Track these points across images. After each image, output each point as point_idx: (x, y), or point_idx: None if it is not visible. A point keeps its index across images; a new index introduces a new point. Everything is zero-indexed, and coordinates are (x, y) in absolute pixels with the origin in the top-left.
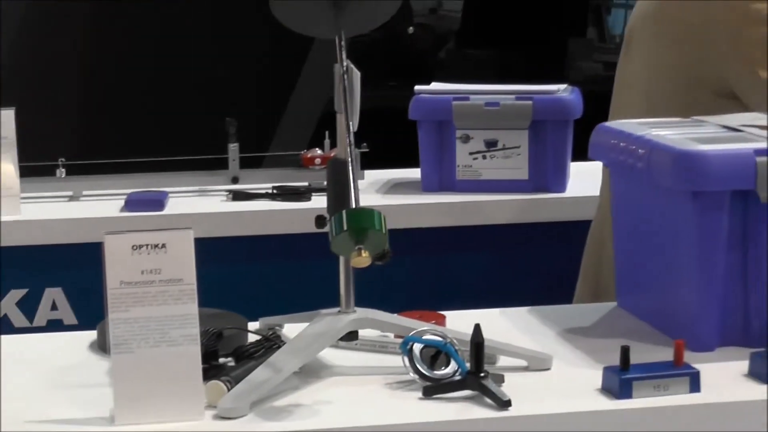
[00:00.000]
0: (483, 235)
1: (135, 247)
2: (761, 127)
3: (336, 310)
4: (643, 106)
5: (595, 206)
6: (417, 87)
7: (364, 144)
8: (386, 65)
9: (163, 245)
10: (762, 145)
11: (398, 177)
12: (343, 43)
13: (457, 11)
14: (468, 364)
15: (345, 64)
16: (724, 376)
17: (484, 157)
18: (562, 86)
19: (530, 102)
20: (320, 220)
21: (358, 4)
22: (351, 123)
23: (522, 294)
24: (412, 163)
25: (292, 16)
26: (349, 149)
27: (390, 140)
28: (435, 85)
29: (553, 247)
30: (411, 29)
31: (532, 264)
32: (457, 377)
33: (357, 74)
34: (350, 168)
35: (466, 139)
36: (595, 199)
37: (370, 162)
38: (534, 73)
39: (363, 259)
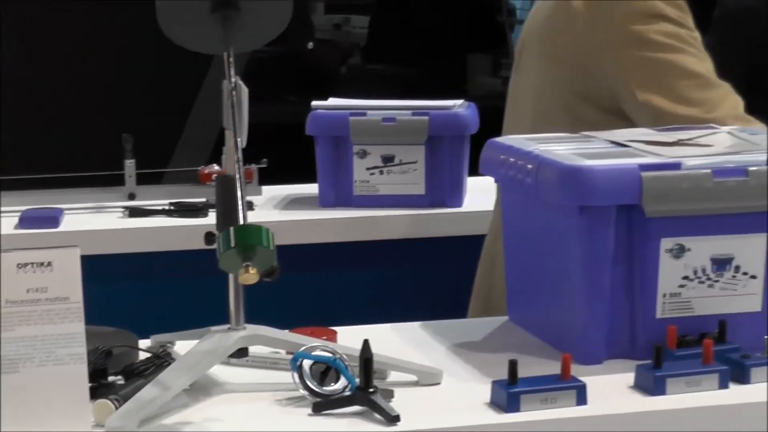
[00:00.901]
0: (379, 250)
1: (20, 266)
2: (648, 143)
3: (226, 327)
4: (533, 122)
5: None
6: (314, 102)
7: (264, 160)
8: (288, 80)
9: (49, 263)
10: (648, 160)
11: (296, 192)
12: (231, 59)
13: (362, 27)
14: (358, 380)
15: (233, 80)
16: (610, 389)
17: (381, 173)
18: (459, 102)
19: (426, 117)
20: (209, 237)
21: (246, 21)
22: (239, 139)
23: (418, 309)
24: (311, 178)
25: (181, 32)
26: (237, 166)
27: (289, 155)
28: (332, 101)
29: (449, 261)
30: (311, 44)
31: (428, 279)
32: (347, 393)
33: (245, 90)
34: (238, 185)
35: (363, 154)
36: (491, 214)
37: (269, 177)
38: (436, 89)
39: (250, 276)
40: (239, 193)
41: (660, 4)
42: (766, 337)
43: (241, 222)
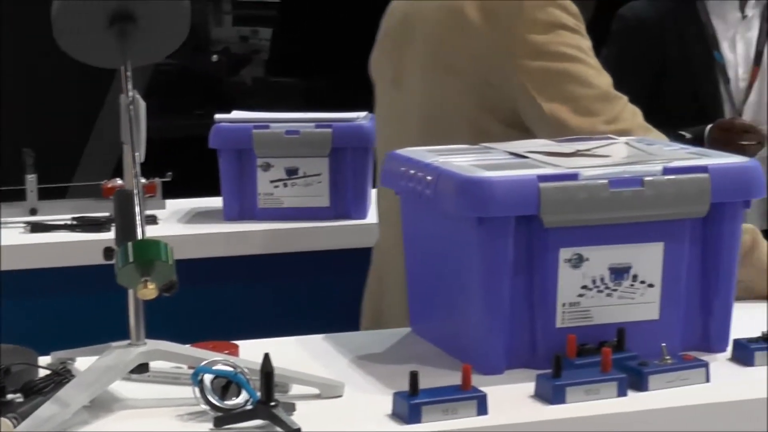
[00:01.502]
0: (284, 263)
1: None
2: (546, 153)
3: (126, 342)
4: (423, 136)
5: None
6: (217, 116)
7: (169, 173)
8: (193, 94)
9: None
10: (546, 171)
11: (200, 206)
12: (129, 73)
13: (269, 39)
14: (259, 394)
15: (131, 94)
16: (511, 398)
17: (285, 185)
18: (362, 114)
19: (330, 130)
20: (108, 252)
21: (143, 34)
22: (137, 154)
23: (322, 321)
24: (216, 191)
25: (78, 47)
26: (135, 180)
27: (194, 169)
28: (236, 114)
29: (354, 273)
30: (215, 57)
31: (333, 291)
32: (248, 407)
33: (143, 105)
34: (136, 199)
35: (267, 167)
36: None
37: (173, 191)
38: (340, 101)
39: (149, 291)
40: (137, 208)
41: (558, 13)
42: (663, 344)
43: (139, 237)
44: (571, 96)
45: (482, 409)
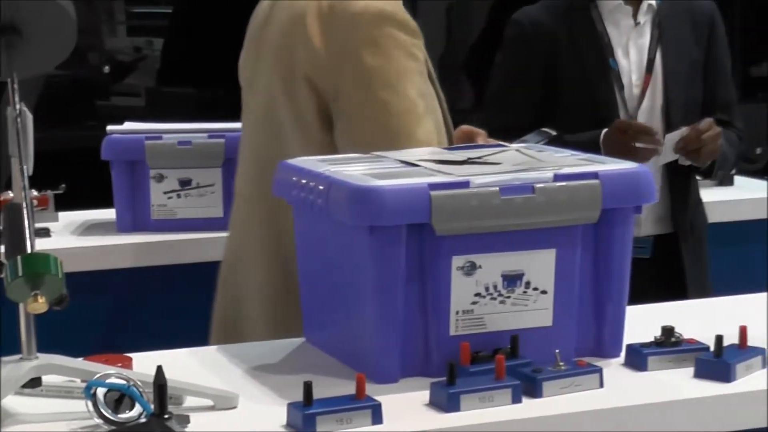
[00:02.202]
0: (178, 274)
1: None
2: (438, 161)
3: (18, 357)
4: (266, 140)
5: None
6: (109, 127)
7: (62, 185)
8: (85, 105)
9: None
10: (437, 179)
11: (93, 218)
12: (15, 85)
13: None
14: (153, 406)
15: (18, 107)
16: (406, 407)
17: (179, 196)
18: None
19: (222, 140)
20: None
21: (29, 46)
22: (25, 167)
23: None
24: (109, 203)
25: None
26: (23, 193)
27: (87, 181)
28: (128, 125)
29: None
30: (107, 68)
31: None
32: (142, 420)
33: (29, 117)
34: (25, 212)
35: (160, 178)
36: None
37: (66, 203)
38: (235, 111)
39: (39, 304)
40: (26, 221)
41: (395, 33)
42: (557, 350)
43: (29, 250)
44: (382, 123)
45: (377, 418)
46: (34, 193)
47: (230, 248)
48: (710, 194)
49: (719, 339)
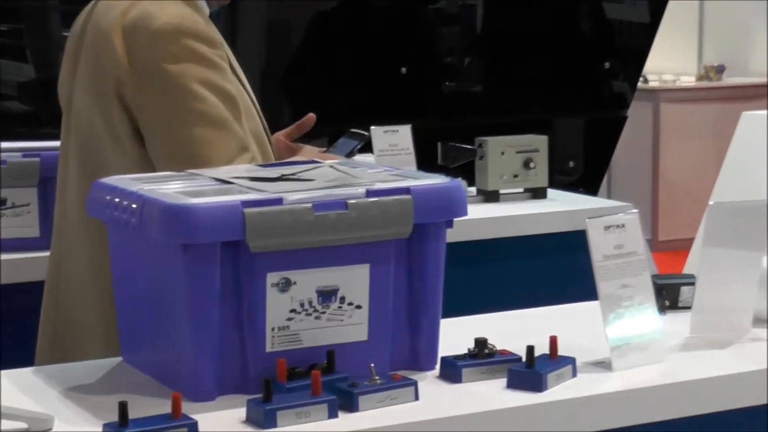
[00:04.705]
0: None
1: None
2: (252, 179)
3: None
4: (83, 158)
5: None
6: None
7: None
8: None
9: None
10: (250, 196)
11: None
12: None
13: None
14: None
15: None
16: (222, 424)
17: None
18: None
19: (37, 159)
20: None
21: None
22: None
23: (32, 354)
24: None
25: None
26: None
27: None
28: None
29: None
30: None
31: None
32: None
33: None
34: None
35: None
36: None
37: None
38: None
39: None
40: None
41: (192, 44)
42: (372, 365)
43: None
44: (186, 136)
45: None
46: None
47: (56, 269)
48: (524, 207)
49: (530, 350)
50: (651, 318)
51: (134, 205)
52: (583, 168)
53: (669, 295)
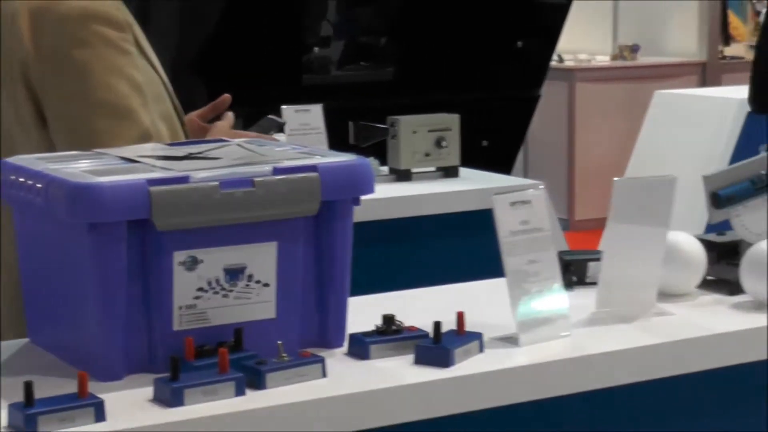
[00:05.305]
0: None
1: None
2: (158, 158)
3: None
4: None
5: None
6: None
7: None
8: None
9: None
10: (156, 174)
11: None
12: None
13: None
14: None
15: None
16: (130, 404)
17: None
18: None
19: None
20: None
21: None
22: None
23: None
24: None
25: None
26: None
27: None
28: None
29: None
30: None
31: None
32: None
33: None
34: None
35: None
36: None
37: None
38: None
39: None
40: None
41: (101, 30)
42: (279, 342)
43: None
44: (92, 121)
45: (100, 415)
46: None
47: None
48: (435, 186)
49: (437, 325)
50: (557, 293)
51: (39, 185)
52: (496, 147)
53: (576, 271)
